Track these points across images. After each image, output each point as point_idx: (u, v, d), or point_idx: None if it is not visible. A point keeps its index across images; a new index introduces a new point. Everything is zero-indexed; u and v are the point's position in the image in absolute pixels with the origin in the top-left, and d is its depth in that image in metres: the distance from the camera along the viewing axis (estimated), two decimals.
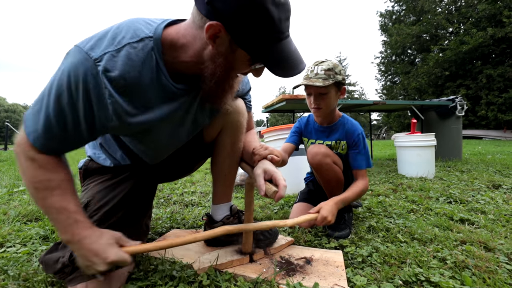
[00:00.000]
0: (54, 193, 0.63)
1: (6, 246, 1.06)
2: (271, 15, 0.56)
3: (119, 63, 0.60)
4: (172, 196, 1.98)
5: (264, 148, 0.88)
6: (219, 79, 0.66)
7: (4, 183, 2.41)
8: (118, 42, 0.61)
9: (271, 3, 0.55)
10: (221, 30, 0.57)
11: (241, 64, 0.65)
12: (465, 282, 0.79)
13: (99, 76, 0.58)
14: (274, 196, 0.72)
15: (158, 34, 0.64)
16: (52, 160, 0.65)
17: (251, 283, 0.78)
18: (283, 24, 0.59)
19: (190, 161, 1.05)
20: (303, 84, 1.20)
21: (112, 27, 0.64)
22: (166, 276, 0.80)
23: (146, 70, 0.64)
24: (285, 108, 4.09)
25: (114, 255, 0.63)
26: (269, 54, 0.61)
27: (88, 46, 0.60)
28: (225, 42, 0.60)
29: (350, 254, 0.99)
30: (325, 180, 1.24)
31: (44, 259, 0.76)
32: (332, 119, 1.32)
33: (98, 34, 0.63)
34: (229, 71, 0.66)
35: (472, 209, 1.55)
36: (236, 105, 0.93)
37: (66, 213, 0.63)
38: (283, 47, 0.61)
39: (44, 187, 0.63)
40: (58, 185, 0.64)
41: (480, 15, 15.14)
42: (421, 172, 2.68)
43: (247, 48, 0.60)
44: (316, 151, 1.21)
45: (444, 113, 3.84)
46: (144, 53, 0.63)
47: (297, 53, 0.65)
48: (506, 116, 13.49)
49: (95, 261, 0.62)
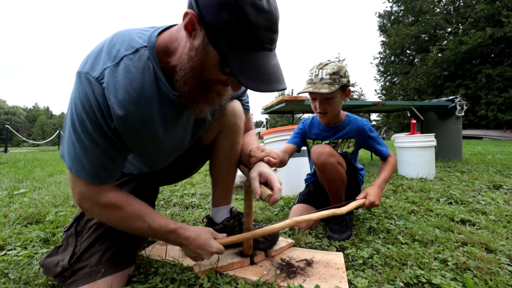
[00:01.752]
0: (145, 218, 0.72)
1: (7, 249, 1.06)
2: (246, 16, 0.52)
3: (119, 78, 0.61)
4: (172, 198, 1.98)
5: (260, 150, 0.88)
6: (187, 76, 0.62)
7: (4, 186, 2.41)
8: (115, 56, 0.62)
9: (250, 4, 0.52)
10: (195, 21, 0.56)
11: (211, 65, 0.60)
12: (467, 284, 0.78)
13: (105, 93, 0.61)
14: (268, 199, 0.71)
15: (152, 42, 0.64)
16: (118, 195, 0.71)
17: (252, 286, 0.78)
18: (261, 32, 0.55)
19: (189, 164, 1.05)
20: (309, 92, 1.19)
21: (105, 41, 0.65)
22: (167, 278, 0.80)
23: (146, 80, 0.64)
24: (285, 109, 4.08)
25: (215, 247, 0.78)
26: (238, 58, 0.55)
27: (87, 67, 0.61)
28: (199, 36, 0.57)
29: (351, 256, 0.99)
30: (329, 180, 1.24)
31: (44, 262, 0.76)
32: (338, 119, 1.33)
33: (93, 52, 0.64)
34: (198, 68, 0.61)
35: (473, 210, 1.55)
36: (232, 107, 0.92)
37: (164, 227, 0.74)
38: (258, 57, 0.57)
39: (133, 219, 0.71)
40: (142, 212, 0.73)
41: (478, 15, 15.17)
42: (421, 172, 2.68)
43: (217, 46, 0.55)
44: (320, 150, 1.20)
45: (443, 113, 3.84)
46: (141, 64, 0.63)
47: (275, 70, 0.59)
48: (506, 116, 13.49)
49: (201, 253, 0.77)
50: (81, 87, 0.61)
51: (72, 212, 1.50)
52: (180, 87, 0.65)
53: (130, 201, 0.73)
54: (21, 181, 2.68)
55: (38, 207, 1.61)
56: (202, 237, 0.77)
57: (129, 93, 0.62)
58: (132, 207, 0.72)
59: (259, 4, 0.53)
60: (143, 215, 0.72)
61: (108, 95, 0.61)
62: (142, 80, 0.63)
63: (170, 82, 0.67)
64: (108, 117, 0.62)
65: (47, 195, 1.94)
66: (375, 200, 1.09)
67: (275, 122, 34.58)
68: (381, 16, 23.04)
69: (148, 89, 0.65)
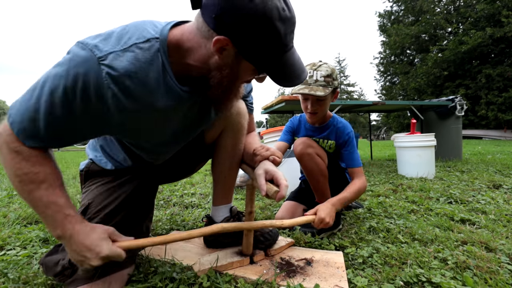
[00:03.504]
0: (41, 186, 0.61)
1: (6, 249, 1.06)
2: (278, 31, 0.57)
3: (124, 63, 0.59)
4: (172, 198, 1.98)
5: (265, 149, 0.88)
6: (226, 88, 0.69)
7: (4, 186, 2.41)
8: (125, 43, 0.60)
9: (278, 19, 0.56)
10: (228, 44, 0.58)
11: (246, 74, 0.67)
12: (467, 283, 0.78)
13: (101, 75, 0.57)
14: (275, 196, 0.72)
15: (164, 35, 0.64)
16: (37, 153, 0.62)
17: (252, 285, 0.78)
18: (288, 37, 0.61)
19: (190, 162, 1.05)
20: (304, 94, 1.19)
21: (118, 27, 0.64)
22: (166, 278, 0.80)
23: (152, 71, 0.63)
24: (284, 109, 4.09)
25: (107, 249, 0.63)
26: (273, 65, 0.63)
27: (93, 43, 0.58)
28: (231, 54, 0.61)
29: (351, 255, 0.99)
30: (307, 170, 1.27)
31: (44, 261, 0.76)
32: (324, 120, 1.36)
33: (103, 34, 0.62)
34: (235, 81, 0.68)
35: (472, 209, 1.55)
36: (237, 107, 0.93)
37: (55, 207, 0.62)
38: (287, 58, 0.63)
39: (29, 180, 0.61)
40: (45, 179, 0.62)
41: (479, 15, 15.16)
42: (421, 172, 2.68)
43: (253, 61, 0.62)
44: (299, 142, 1.27)
45: (443, 113, 3.84)
46: (150, 54, 0.63)
47: (299, 63, 0.67)
48: (506, 115, 13.48)
49: (88, 256, 0.62)
50: (77, 57, 0.57)
51: None
52: (218, 96, 0.71)
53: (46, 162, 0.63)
54: None
55: None
56: (91, 236, 0.63)
57: (133, 81, 0.61)
58: (44, 167, 0.62)
59: (284, 16, 0.57)
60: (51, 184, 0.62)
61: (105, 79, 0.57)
62: (148, 70, 0.62)
63: (176, 76, 0.68)
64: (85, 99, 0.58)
65: None
66: (325, 217, 0.97)
67: (275, 122, 34.60)
68: (381, 15, 23.03)
69: (153, 79, 0.64)
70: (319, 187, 1.29)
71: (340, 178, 1.40)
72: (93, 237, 0.63)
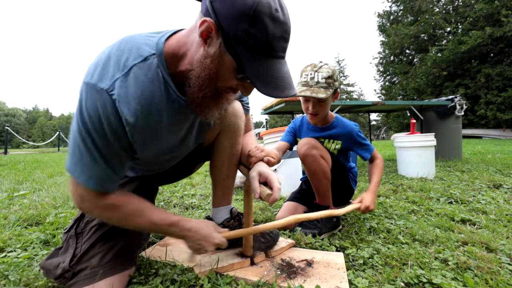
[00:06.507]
0: (145, 214, 0.73)
1: (7, 250, 1.05)
2: (265, 27, 0.55)
3: (130, 89, 0.61)
4: (172, 199, 1.98)
5: (260, 150, 0.88)
6: (203, 83, 0.63)
7: (4, 188, 2.41)
8: (124, 66, 0.61)
9: (268, 16, 0.55)
10: (213, 29, 0.57)
11: (227, 72, 0.61)
12: (468, 284, 0.78)
13: (115, 105, 0.61)
14: (268, 199, 0.72)
15: (160, 49, 0.65)
16: (119, 193, 0.72)
17: (252, 286, 0.78)
18: (276, 41, 0.58)
19: (189, 164, 1.06)
20: (306, 96, 1.19)
21: (112, 48, 0.64)
22: (167, 279, 0.80)
23: (156, 89, 0.65)
24: (284, 109, 4.09)
25: (219, 238, 0.79)
26: (255, 66, 0.58)
27: (95, 78, 0.60)
28: (215, 44, 0.58)
29: (351, 256, 0.99)
30: (310, 172, 1.27)
31: (44, 264, 0.76)
32: (326, 120, 1.35)
33: (100, 62, 0.63)
34: (214, 76, 0.62)
35: (473, 209, 1.55)
36: (233, 108, 0.93)
37: (165, 220, 0.75)
38: (272, 64, 0.60)
39: (134, 215, 0.72)
40: (142, 208, 0.73)
41: (477, 14, 15.16)
42: (421, 172, 2.68)
43: (234, 55, 0.58)
44: (304, 142, 1.26)
45: (443, 113, 3.85)
46: (151, 72, 0.64)
47: (287, 77, 0.62)
48: (505, 115, 13.48)
49: (204, 244, 0.77)
50: (90, 98, 0.60)
51: (72, 214, 1.50)
52: (193, 93, 0.66)
53: (129, 199, 0.73)
54: (21, 182, 2.68)
55: (38, 209, 1.61)
56: (205, 228, 0.79)
57: (141, 103, 0.63)
58: (131, 205, 0.72)
59: (276, 16, 0.56)
60: (143, 211, 0.73)
61: (120, 107, 0.61)
62: (152, 89, 0.64)
63: (178, 87, 0.69)
64: (119, 127, 0.63)
65: (47, 197, 1.93)
66: (370, 205, 1.14)
67: (275, 123, 34.60)
68: (380, 16, 23.05)
69: (158, 97, 0.66)
70: (321, 189, 1.28)
71: (342, 180, 1.40)
72: (206, 229, 0.79)
